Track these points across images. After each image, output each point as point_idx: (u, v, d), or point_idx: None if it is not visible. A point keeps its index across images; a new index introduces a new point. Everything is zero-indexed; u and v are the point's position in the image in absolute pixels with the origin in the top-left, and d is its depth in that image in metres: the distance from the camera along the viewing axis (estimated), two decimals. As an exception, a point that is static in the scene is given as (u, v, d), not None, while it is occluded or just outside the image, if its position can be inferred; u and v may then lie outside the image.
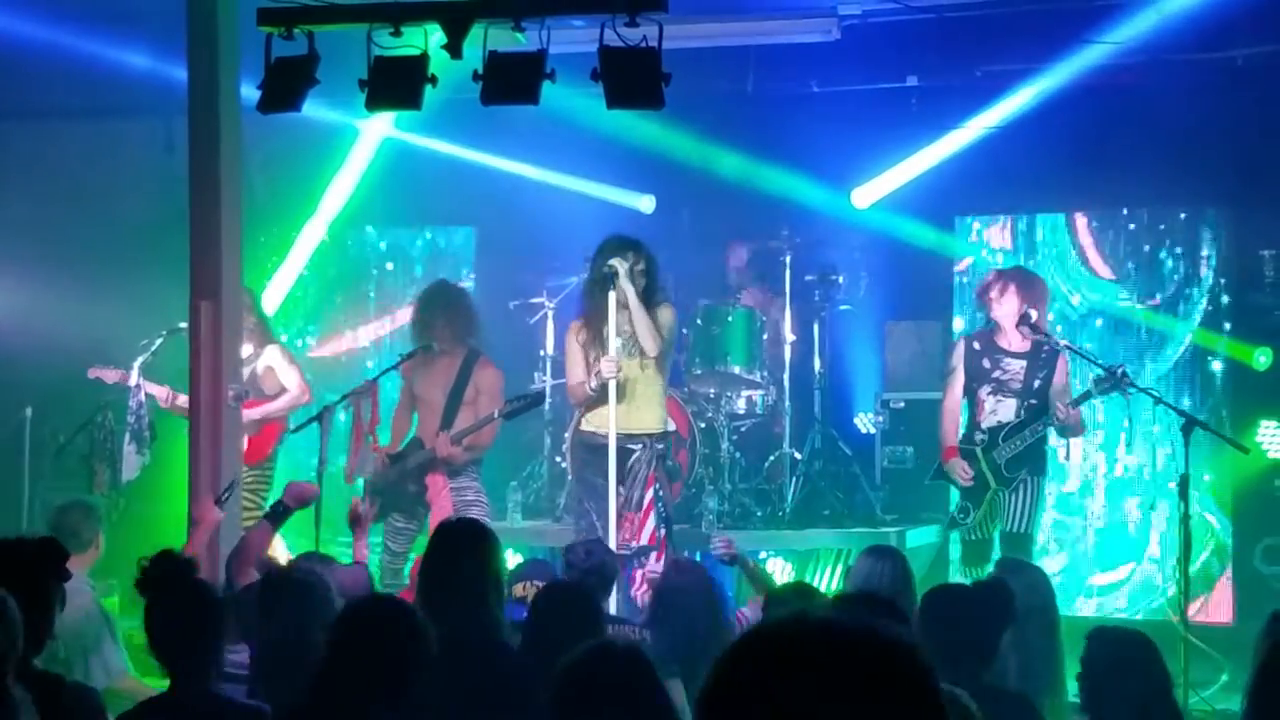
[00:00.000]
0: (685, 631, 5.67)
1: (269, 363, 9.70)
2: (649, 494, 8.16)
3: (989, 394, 8.41)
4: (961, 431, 8.63)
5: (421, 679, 3.92)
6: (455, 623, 4.67)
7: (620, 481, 8.21)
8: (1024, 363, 8.29)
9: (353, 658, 3.91)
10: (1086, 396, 8.24)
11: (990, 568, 8.10)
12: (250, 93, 7.47)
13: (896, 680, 1.71)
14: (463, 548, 5.04)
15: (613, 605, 6.97)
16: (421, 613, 4.15)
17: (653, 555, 8.01)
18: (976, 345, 8.49)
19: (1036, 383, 8.24)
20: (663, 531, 8.20)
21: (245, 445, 9.27)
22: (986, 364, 8.41)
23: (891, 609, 4.40)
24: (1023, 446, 8.28)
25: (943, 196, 10.87)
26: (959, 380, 8.55)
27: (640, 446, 8.23)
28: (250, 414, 9.26)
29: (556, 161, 11.30)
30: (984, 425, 8.44)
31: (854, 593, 5.34)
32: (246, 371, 9.41)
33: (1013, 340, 8.37)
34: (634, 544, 7.99)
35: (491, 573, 5.00)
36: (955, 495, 8.88)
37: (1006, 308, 8.37)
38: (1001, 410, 8.38)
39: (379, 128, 11.56)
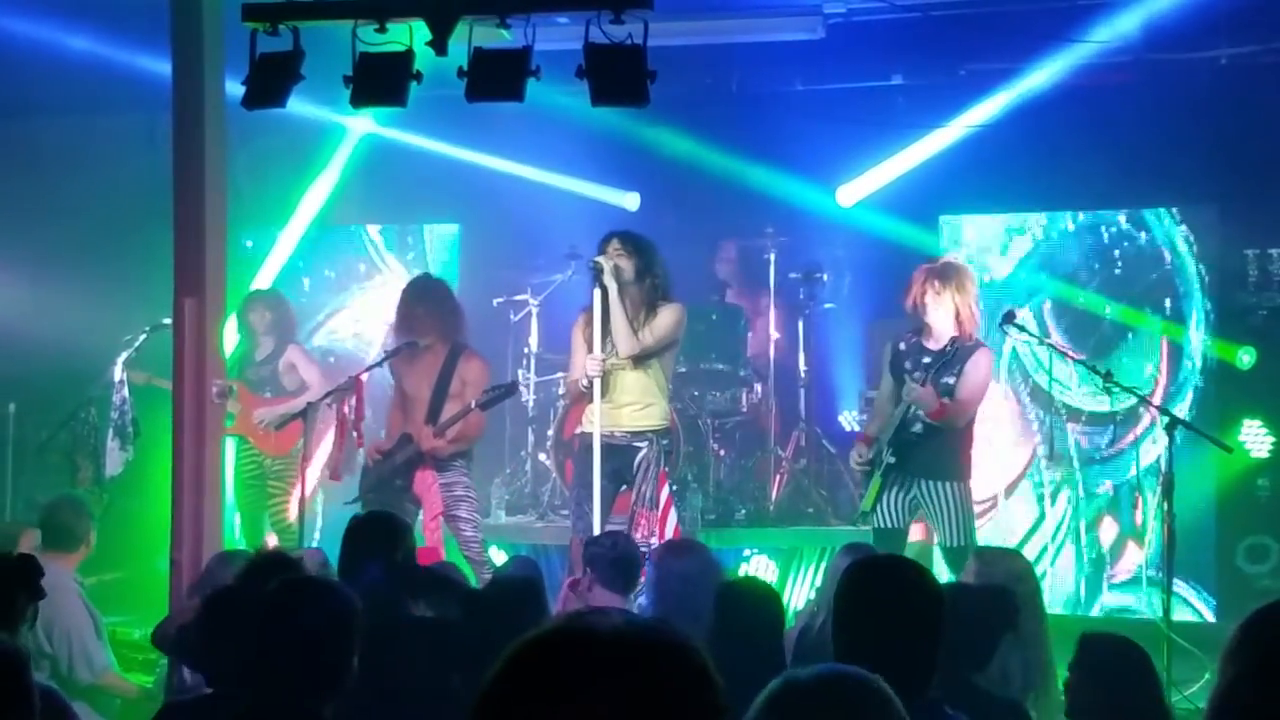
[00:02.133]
0: (688, 610, 5.63)
1: (291, 360, 10.13)
2: (664, 491, 8.14)
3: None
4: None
5: (352, 657, 3.78)
6: (373, 609, 4.90)
7: (626, 481, 8.21)
8: (931, 360, 7.90)
9: (276, 647, 3.76)
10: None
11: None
12: (235, 89, 7.45)
13: (669, 681, 1.74)
14: (371, 539, 5.33)
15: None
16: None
17: None
18: (901, 346, 8.15)
19: (948, 380, 7.90)
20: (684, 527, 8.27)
21: (273, 440, 9.86)
22: (908, 365, 8.03)
23: None
24: (891, 428, 7.92)
25: (927, 195, 10.88)
26: (885, 383, 8.31)
27: (646, 444, 8.20)
28: (276, 410, 9.74)
29: (541, 159, 11.30)
30: None
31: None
32: (269, 369, 9.84)
33: (940, 339, 7.96)
34: (654, 541, 7.93)
35: (401, 557, 5.29)
36: None
37: (939, 309, 7.94)
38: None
39: (364, 125, 11.56)
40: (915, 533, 8.58)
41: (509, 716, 1.72)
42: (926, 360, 7.94)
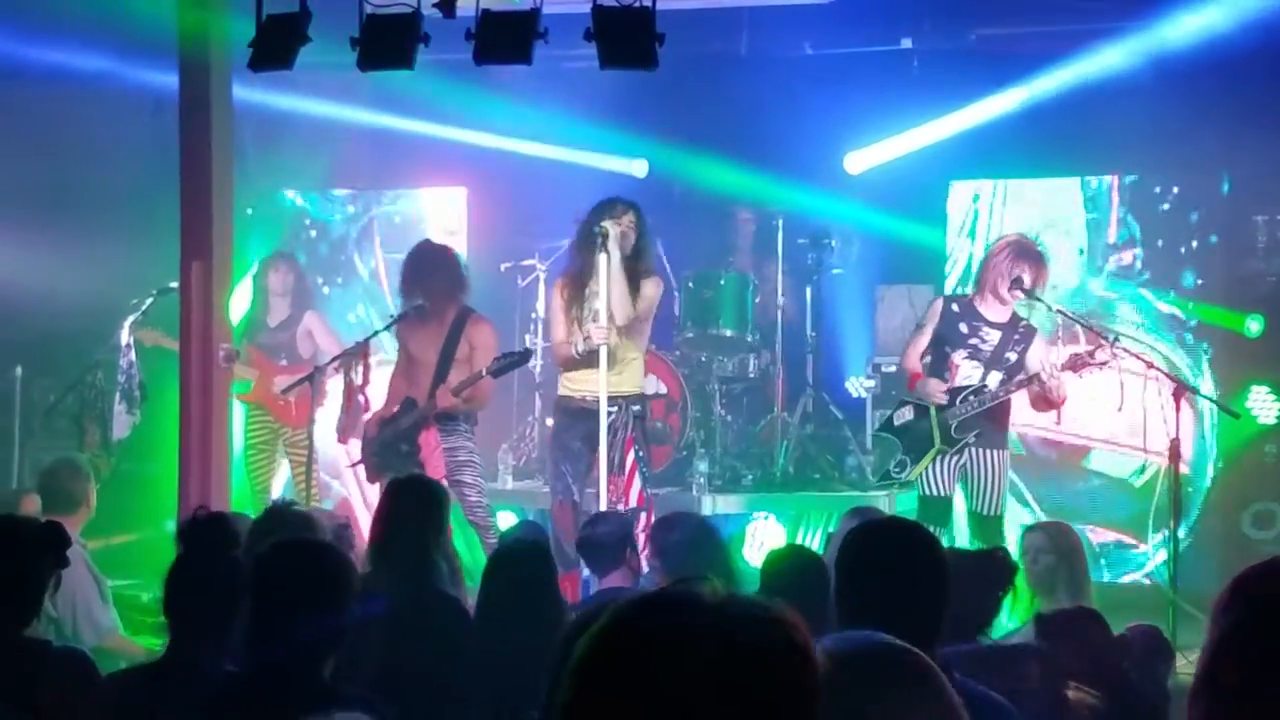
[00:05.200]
0: (699, 575, 5.62)
1: (309, 327, 10.07)
2: (630, 455, 8.17)
3: (964, 359, 8.07)
4: None
5: (347, 617, 3.75)
6: (403, 576, 4.99)
7: (595, 446, 8.19)
8: (999, 334, 8.02)
9: (268, 609, 3.73)
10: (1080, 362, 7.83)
11: (949, 530, 8.09)
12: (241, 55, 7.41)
13: (769, 654, 1.73)
14: (409, 504, 5.29)
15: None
16: (370, 564, 4.02)
17: (643, 515, 8.02)
18: (955, 308, 8.17)
19: (1010, 356, 7.98)
20: (649, 490, 8.27)
21: (294, 409, 9.69)
22: (964, 328, 8.06)
23: None
24: (977, 410, 7.96)
25: (936, 161, 10.83)
26: (924, 337, 8.20)
27: (616, 409, 8.20)
28: (295, 379, 9.40)
29: (548, 123, 11.24)
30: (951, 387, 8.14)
31: None
32: (285, 335, 9.74)
33: (993, 309, 8.04)
34: (622, 506, 7.96)
35: (436, 527, 5.26)
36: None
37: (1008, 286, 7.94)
38: (974, 377, 8.07)
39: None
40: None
41: (605, 675, 1.73)
42: (989, 331, 8.02)
